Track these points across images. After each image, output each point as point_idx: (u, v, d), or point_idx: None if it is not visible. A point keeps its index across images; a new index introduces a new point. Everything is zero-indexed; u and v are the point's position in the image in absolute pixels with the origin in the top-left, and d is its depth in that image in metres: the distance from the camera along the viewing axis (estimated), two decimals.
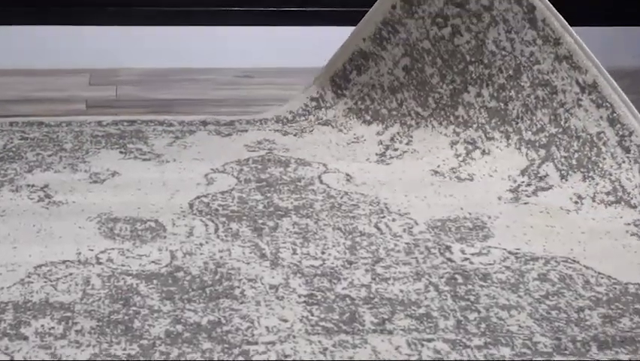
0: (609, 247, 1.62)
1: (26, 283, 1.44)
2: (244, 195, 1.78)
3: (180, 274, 1.48)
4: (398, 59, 2.06)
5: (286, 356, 1.28)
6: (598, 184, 1.77)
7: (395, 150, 1.99)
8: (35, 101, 2.33)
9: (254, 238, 1.61)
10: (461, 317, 1.38)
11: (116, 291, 1.43)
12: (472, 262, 1.55)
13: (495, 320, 1.38)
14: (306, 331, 1.34)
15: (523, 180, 1.84)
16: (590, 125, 1.82)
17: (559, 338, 1.34)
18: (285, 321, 1.36)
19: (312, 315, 1.38)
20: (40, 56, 2.56)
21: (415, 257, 1.56)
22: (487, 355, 1.30)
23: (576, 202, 1.77)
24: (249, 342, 1.31)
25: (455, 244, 1.61)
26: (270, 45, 2.61)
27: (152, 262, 1.52)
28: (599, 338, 1.34)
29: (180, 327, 1.34)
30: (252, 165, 1.91)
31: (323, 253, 1.57)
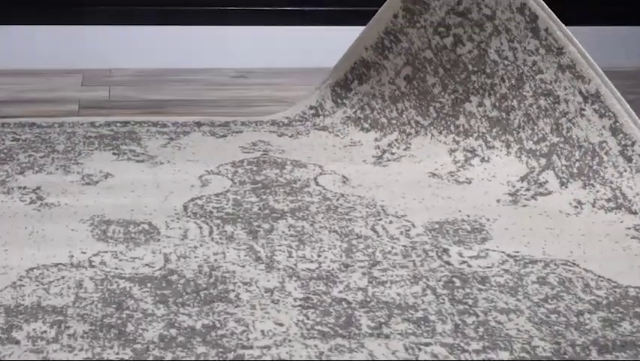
0: (609, 250, 1.61)
1: (18, 287, 1.43)
2: (239, 197, 1.77)
3: (174, 277, 1.48)
4: (400, 69, 2.07)
5: None
6: (598, 191, 1.77)
7: (392, 153, 1.99)
8: (27, 102, 2.33)
9: (249, 241, 1.60)
10: (459, 321, 1.38)
11: (109, 294, 1.42)
12: (470, 265, 1.54)
13: (493, 323, 1.38)
14: (302, 335, 1.33)
15: (522, 186, 1.84)
16: (592, 135, 1.82)
17: (558, 342, 1.33)
18: (281, 325, 1.35)
19: (308, 319, 1.37)
20: (32, 56, 2.56)
21: (413, 260, 1.56)
22: (486, 359, 1.29)
23: (576, 207, 1.76)
24: (243, 346, 1.30)
25: (453, 246, 1.61)
26: (266, 45, 2.62)
27: (146, 265, 1.51)
28: (599, 342, 1.33)
29: (174, 331, 1.33)
30: (247, 167, 1.91)
31: (319, 256, 1.56)
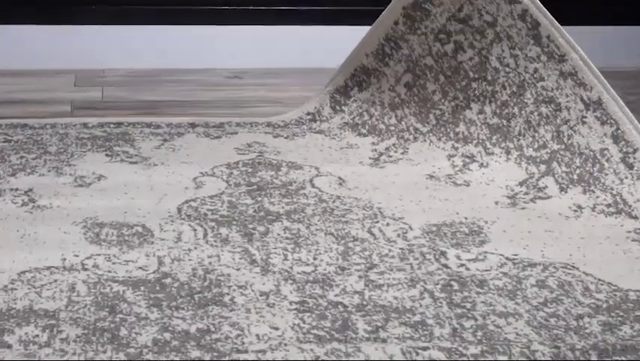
0: (609, 253, 1.61)
1: (10, 290, 1.43)
2: (234, 199, 1.77)
3: (168, 280, 1.47)
4: (400, 76, 2.07)
5: None
6: (598, 197, 1.77)
7: (390, 156, 1.99)
8: (19, 102, 2.33)
9: (244, 244, 1.60)
10: (457, 325, 1.37)
11: (102, 298, 1.42)
12: (468, 268, 1.54)
13: (492, 327, 1.37)
14: (298, 339, 1.33)
15: (521, 190, 1.84)
16: (594, 142, 1.82)
17: (557, 347, 1.33)
18: (276, 329, 1.35)
19: (304, 323, 1.37)
20: (24, 56, 2.56)
21: (410, 263, 1.55)
22: None
23: (575, 211, 1.76)
24: (238, 350, 1.29)
25: (451, 249, 1.60)
26: (261, 45, 2.62)
27: (139, 269, 1.51)
28: (598, 347, 1.33)
29: (168, 335, 1.33)
30: (242, 169, 1.90)
31: (315, 259, 1.55)
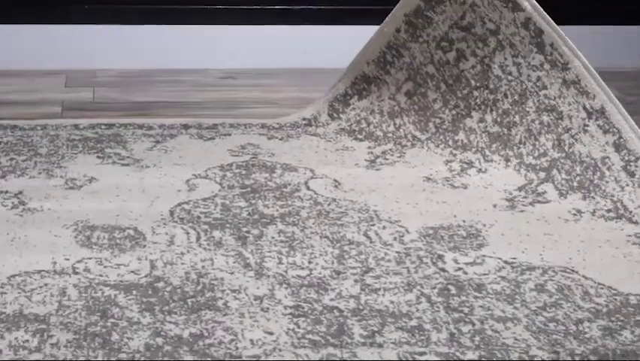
0: (609, 257, 1.61)
1: None
2: (227, 201, 1.76)
3: (160, 284, 1.47)
4: (401, 84, 2.07)
5: None
6: (598, 203, 1.77)
7: (386, 159, 1.98)
8: (8, 103, 2.32)
9: (237, 247, 1.59)
10: (454, 330, 1.37)
11: (94, 302, 1.41)
12: (465, 272, 1.54)
13: (490, 332, 1.37)
14: (293, 344, 1.32)
15: (519, 194, 1.83)
16: (595, 151, 1.82)
17: (557, 352, 1.32)
18: (271, 334, 1.35)
19: (299, 327, 1.36)
20: (14, 56, 2.56)
21: (407, 267, 1.55)
22: None
23: (575, 214, 1.76)
24: (232, 356, 1.29)
25: (448, 253, 1.60)
26: (255, 45, 2.62)
27: (131, 272, 1.50)
28: (598, 352, 1.33)
29: (160, 340, 1.32)
30: (236, 171, 1.90)
31: (310, 263, 1.55)
